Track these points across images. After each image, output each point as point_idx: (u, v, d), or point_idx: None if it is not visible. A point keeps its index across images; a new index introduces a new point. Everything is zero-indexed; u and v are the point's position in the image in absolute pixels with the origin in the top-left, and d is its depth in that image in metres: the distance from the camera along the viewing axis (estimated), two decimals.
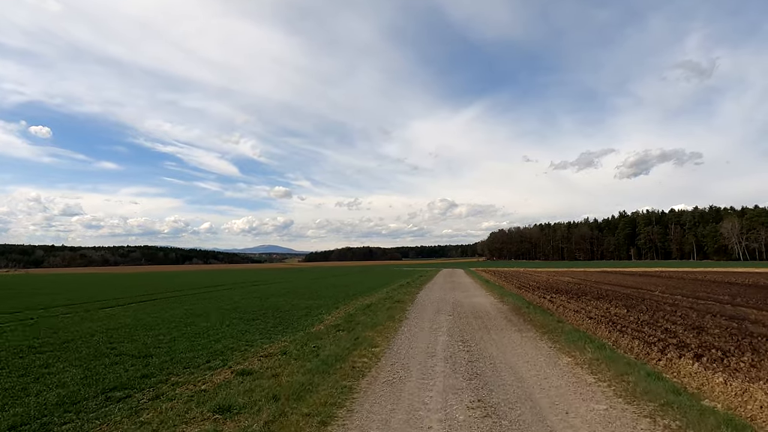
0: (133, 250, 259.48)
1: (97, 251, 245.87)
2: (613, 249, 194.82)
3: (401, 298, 17.27)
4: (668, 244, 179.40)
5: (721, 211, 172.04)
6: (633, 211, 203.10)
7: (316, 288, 25.64)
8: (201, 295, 21.53)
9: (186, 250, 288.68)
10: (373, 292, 22.19)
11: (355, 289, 24.41)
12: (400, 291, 21.64)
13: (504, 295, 18.52)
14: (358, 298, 18.32)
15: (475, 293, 20.25)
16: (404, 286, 26.15)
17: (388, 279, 37.30)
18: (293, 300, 17.69)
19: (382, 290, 22.77)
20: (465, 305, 14.95)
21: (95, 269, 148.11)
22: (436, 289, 23.58)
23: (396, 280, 33.90)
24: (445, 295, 19.32)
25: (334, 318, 12.22)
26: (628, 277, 36.55)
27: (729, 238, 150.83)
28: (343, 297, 19.12)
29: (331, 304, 15.90)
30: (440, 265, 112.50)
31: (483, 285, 26.68)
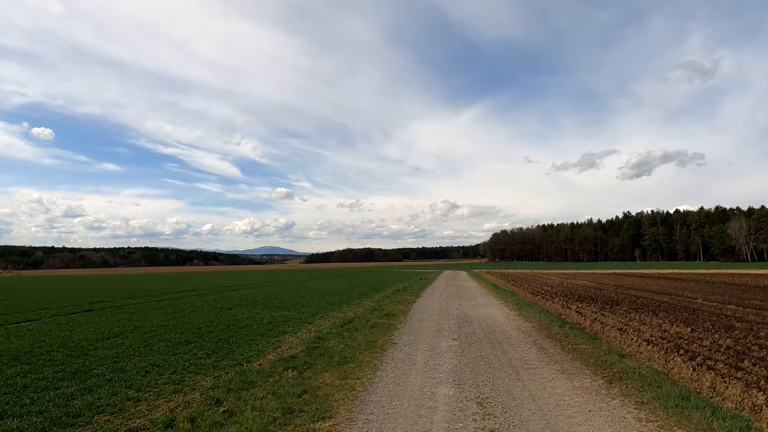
0: (134, 252, 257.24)
1: (96, 252, 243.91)
2: (617, 250, 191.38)
3: (393, 310, 13.88)
4: (674, 245, 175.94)
5: (728, 211, 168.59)
6: (637, 212, 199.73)
7: (300, 293, 22.29)
8: (158, 303, 18.14)
9: (187, 251, 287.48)
10: (364, 298, 18.85)
11: (344, 295, 21.05)
12: (394, 298, 18.26)
13: (521, 305, 15.10)
14: (342, 308, 14.98)
15: (485, 302, 16.84)
16: (400, 291, 22.75)
17: (384, 282, 33.95)
18: (260, 311, 14.33)
19: (374, 297, 19.41)
20: (474, 321, 11.54)
21: (89, 271, 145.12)
22: (436, 295, 20.18)
23: (393, 284, 30.53)
24: (448, 304, 15.90)
25: (297, 342, 8.85)
26: (648, 281, 33.09)
27: (736, 238, 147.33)
28: (324, 306, 15.76)
29: (305, 317, 12.55)
30: (442, 267, 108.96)
31: (491, 290, 23.27)
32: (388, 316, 12.22)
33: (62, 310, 15.63)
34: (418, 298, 18.42)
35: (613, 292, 21.54)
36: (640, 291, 22.58)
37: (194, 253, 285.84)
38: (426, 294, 21.08)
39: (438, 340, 8.96)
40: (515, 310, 13.64)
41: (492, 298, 18.18)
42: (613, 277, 39.35)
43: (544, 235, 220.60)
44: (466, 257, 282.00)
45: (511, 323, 10.99)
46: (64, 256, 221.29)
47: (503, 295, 19.25)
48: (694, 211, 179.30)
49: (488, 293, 21.35)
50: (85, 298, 21.09)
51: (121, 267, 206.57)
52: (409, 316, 12.57)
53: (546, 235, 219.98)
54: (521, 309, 13.85)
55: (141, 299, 20.25)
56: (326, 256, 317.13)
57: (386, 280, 36.57)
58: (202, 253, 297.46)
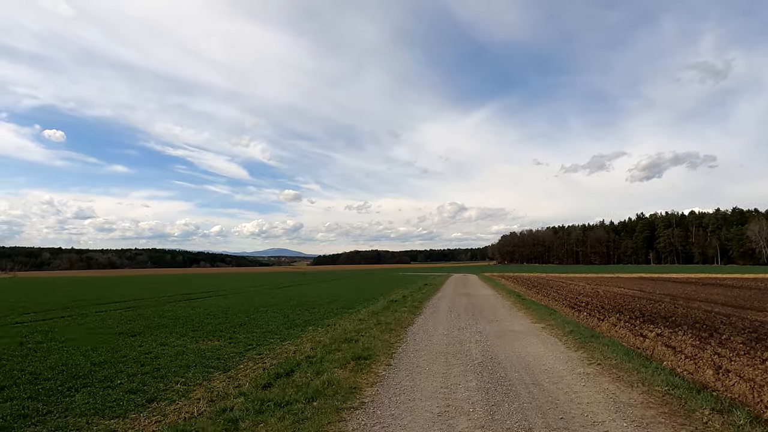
0: (140, 253, 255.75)
1: (104, 254, 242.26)
2: (630, 253, 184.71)
3: (372, 345, 8.55)
4: (690, 247, 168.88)
5: (745, 213, 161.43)
6: (651, 213, 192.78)
7: (266, 305, 17.10)
8: (73, 319, 13.04)
9: (194, 253, 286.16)
10: (344, 314, 13.68)
11: (321, 309, 15.84)
12: (383, 317, 12.97)
13: (575, 332, 9.71)
14: (302, 335, 9.84)
15: (516, 325, 11.41)
16: (397, 303, 17.45)
17: (382, 289, 28.70)
18: (185, 339, 9.18)
19: (359, 312, 14.20)
20: (517, 380, 5.96)
21: (90, 272, 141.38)
22: (443, 311, 14.84)
23: (391, 291, 25.27)
24: (461, 331, 10.50)
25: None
26: (701, 288, 27.44)
27: (756, 241, 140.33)
28: (278, 329, 10.60)
29: (227, 356, 7.41)
30: (450, 269, 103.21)
31: (515, 302, 17.88)
32: (359, 362, 6.93)
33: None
34: (417, 317, 13.12)
35: (678, 306, 16.11)
36: (711, 304, 17.09)
37: (201, 255, 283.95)
38: (429, 308, 15.77)
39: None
40: (575, 345, 8.27)
41: (523, 318, 12.80)
42: (650, 283, 33.70)
43: (555, 237, 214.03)
44: (473, 260, 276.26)
45: (592, 388, 5.61)
46: (69, 257, 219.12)
47: (536, 312, 13.87)
48: (710, 213, 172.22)
49: (513, 307, 15.99)
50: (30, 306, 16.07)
51: (126, 268, 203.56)
52: (395, 361, 7.27)
53: (556, 237, 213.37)
54: (582, 342, 8.49)
55: (73, 311, 15.10)
56: (333, 259, 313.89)
57: (385, 286, 31.33)
58: (209, 254, 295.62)
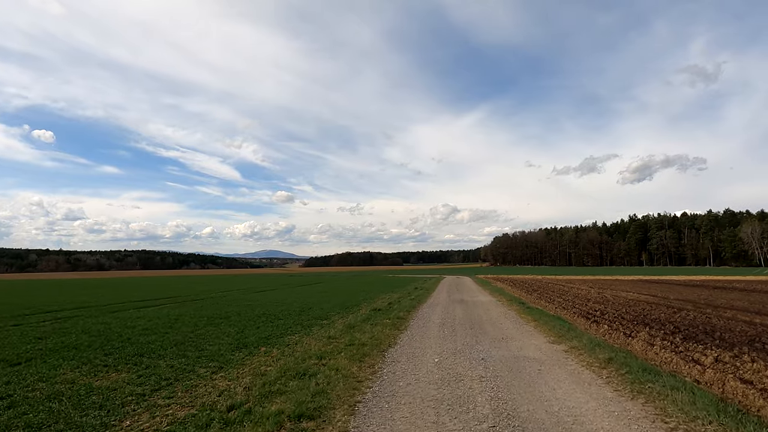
0: (130, 255, 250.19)
1: (92, 255, 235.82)
2: (623, 254, 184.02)
3: (329, 389, 5.83)
4: (682, 249, 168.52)
5: (737, 214, 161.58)
6: (644, 215, 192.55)
7: (220, 317, 14.28)
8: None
9: (184, 254, 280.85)
10: (317, 326, 10.92)
11: (288, 320, 13.03)
12: (361, 332, 10.19)
13: (613, 360, 7.01)
14: (249, 360, 7.13)
15: (531, 349, 8.73)
16: (379, 314, 14.71)
17: (368, 294, 25.95)
18: (73, 371, 6.44)
19: (335, 324, 11.46)
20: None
21: (75, 274, 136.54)
22: (434, 325, 12.11)
23: (376, 297, 22.55)
24: (457, 358, 7.79)
25: None
26: (701, 291, 25.01)
27: (749, 242, 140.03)
28: (225, 353, 7.86)
29: (112, 407, 4.72)
30: (442, 271, 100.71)
31: (521, 312, 15.21)
32: (298, 426, 4.24)
33: None
34: (402, 333, 10.37)
35: (710, 316, 13.61)
36: (745, 313, 14.61)
37: (191, 257, 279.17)
38: (417, 320, 13.05)
39: None
40: (626, 388, 5.60)
41: (535, 334, 10.11)
42: (655, 287, 31.34)
43: (547, 238, 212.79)
44: (466, 261, 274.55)
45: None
46: (56, 259, 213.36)
47: (549, 326, 11.19)
48: (703, 215, 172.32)
49: (518, 318, 13.34)
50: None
51: (113, 270, 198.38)
52: (357, 422, 4.58)
53: (549, 238, 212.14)
54: (633, 381, 5.86)
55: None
56: (325, 260, 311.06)
57: (372, 291, 28.58)
58: (200, 256, 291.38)
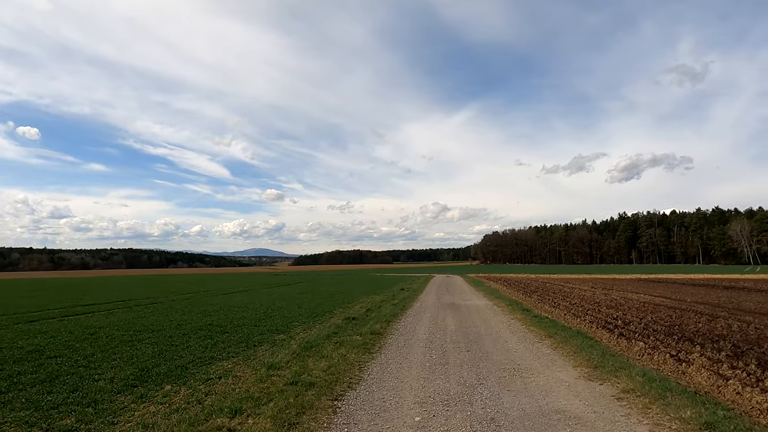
0: (116, 253, 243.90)
1: (77, 254, 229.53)
2: (613, 252, 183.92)
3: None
4: (672, 247, 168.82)
5: (726, 213, 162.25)
6: (633, 213, 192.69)
7: (177, 324, 11.39)
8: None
9: (171, 253, 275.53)
10: (265, 345, 8.11)
11: (242, 334, 10.17)
12: (316, 362, 7.37)
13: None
14: (118, 417, 4.41)
15: (576, 404, 5.71)
16: (356, 322, 11.91)
17: (349, 296, 23.15)
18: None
19: (289, 343, 8.65)
20: None
21: (56, 273, 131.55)
22: (417, 346, 9.15)
23: (357, 301, 19.79)
24: (454, 428, 5.20)
25: None
26: (715, 292, 22.63)
27: (738, 240, 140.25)
28: (97, 399, 5.09)
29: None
30: (432, 270, 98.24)
31: (527, 322, 12.48)
32: None
33: None
34: (372, 360, 7.56)
35: (757, 326, 11.12)
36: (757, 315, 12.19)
37: (179, 255, 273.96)
38: (397, 336, 10.25)
39: None
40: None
41: (561, 363, 7.38)
42: (660, 287, 29.07)
43: (537, 236, 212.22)
44: (456, 259, 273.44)
45: None
46: (40, 258, 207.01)
47: (570, 345, 8.49)
48: (692, 213, 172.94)
49: (527, 332, 10.64)
50: None
51: (98, 269, 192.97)
52: None
53: (539, 236, 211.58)
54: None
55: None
56: (314, 259, 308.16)
57: (353, 293, 25.78)
58: (188, 254, 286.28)
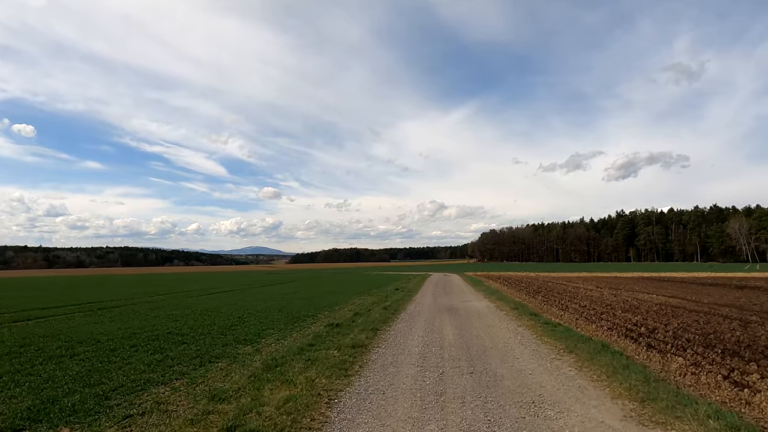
0: (111, 252, 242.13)
1: (72, 252, 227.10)
2: (611, 250, 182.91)
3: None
4: (670, 245, 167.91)
5: (724, 210, 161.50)
6: (631, 211, 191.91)
7: (129, 334, 9.67)
8: None
9: (168, 251, 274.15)
10: (221, 361, 6.44)
11: (201, 344, 8.50)
12: (276, 386, 5.79)
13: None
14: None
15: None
16: (339, 329, 10.20)
17: (338, 297, 21.45)
18: None
19: (252, 359, 7.00)
20: None
21: (49, 272, 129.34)
22: (408, 363, 7.57)
23: (346, 303, 18.10)
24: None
25: None
26: (732, 293, 21.07)
27: (736, 238, 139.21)
28: None
29: None
30: (429, 268, 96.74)
31: (538, 330, 10.67)
32: None
33: None
34: (349, 384, 5.87)
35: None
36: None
37: (175, 254, 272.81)
38: (384, 351, 8.55)
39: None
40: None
41: (591, 390, 5.71)
42: (668, 286, 27.50)
43: (535, 234, 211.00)
44: (453, 257, 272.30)
45: None
46: (35, 256, 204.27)
47: (602, 366, 6.76)
48: (690, 211, 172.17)
49: (541, 345, 8.96)
50: None
51: (93, 267, 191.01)
52: None
53: (536, 234, 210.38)
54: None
55: None
56: (311, 257, 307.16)
57: (343, 294, 24.06)
58: (183, 253, 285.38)
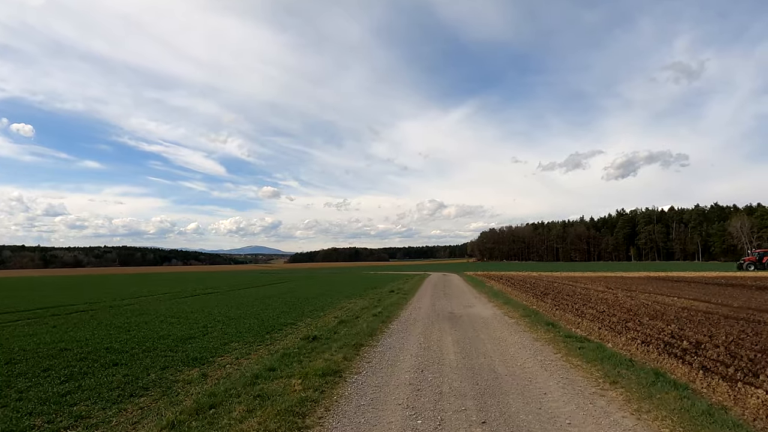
0: (109, 251, 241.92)
1: (69, 252, 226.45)
2: (611, 249, 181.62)
3: None
4: (671, 243, 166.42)
5: (725, 209, 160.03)
6: (632, 210, 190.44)
7: (64, 347, 7.65)
8: None
9: (166, 251, 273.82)
10: (135, 400, 4.52)
11: (141, 362, 6.45)
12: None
13: None
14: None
15: None
16: (312, 347, 8.05)
17: (322, 301, 19.29)
18: None
19: (174, 401, 5.00)
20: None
21: (41, 271, 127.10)
22: (395, 402, 5.63)
23: (333, 307, 15.94)
24: None
25: None
26: (756, 295, 19.24)
27: (738, 237, 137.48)
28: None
29: None
30: (428, 267, 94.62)
31: (571, 354, 8.36)
32: None
33: None
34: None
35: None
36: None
37: (173, 253, 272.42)
38: (363, 379, 6.44)
39: None
40: None
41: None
42: (689, 287, 25.39)
43: (535, 233, 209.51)
44: (452, 257, 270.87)
45: None
46: (32, 256, 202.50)
47: (677, 415, 4.72)
48: (691, 209, 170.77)
49: (576, 374, 6.80)
50: None
51: (90, 267, 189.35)
52: None
53: (536, 233, 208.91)
54: None
55: None
56: (310, 256, 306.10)
57: (333, 296, 21.88)
58: (182, 252, 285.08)
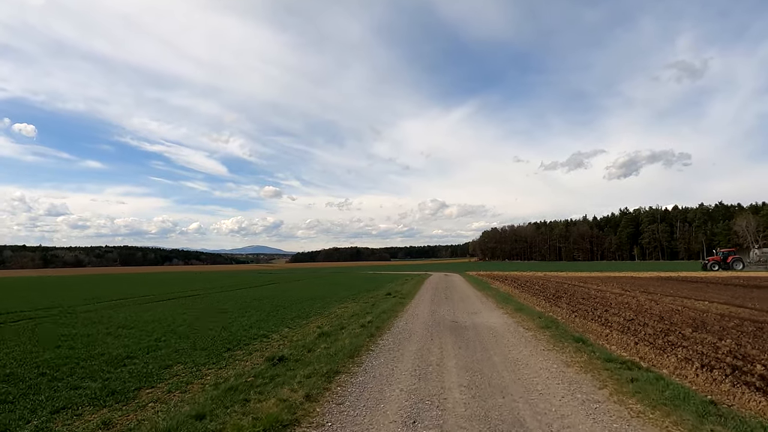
0: (110, 251, 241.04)
1: (70, 251, 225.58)
2: (614, 249, 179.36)
3: None
4: (675, 243, 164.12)
5: (730, 208, 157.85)
6: (635, 209, 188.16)
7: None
8: None
9: (167, 250, 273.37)
10: None
11: (101, 384, 5.02)
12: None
13: None
14: None
15: None
16: (278, 373, 6.62)
17: (309, 306, 17.74)
18: None
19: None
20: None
21: (39, 271, 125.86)
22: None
23: (319, 313, 14.42)
24: None
25: None
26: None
27: (744, 236, 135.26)
28: None
29: None
30: (429, 267, 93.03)
31: (623, 391, 6.82)
32: None
33: None
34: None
35: None
36: None
37: (174, 253, 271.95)
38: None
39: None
40: None
41: None
42: (707, 288, 23.78)
43: (537, 233, 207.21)
44: (453, 256, 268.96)
45: None
46: (32, 255, 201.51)
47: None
48: (695, 208, 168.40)
49: (630, 418, 5.39)
50: None
51: (91, 267, 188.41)
52: None
53: (539, 233, 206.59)
54: None
55: None
56: (311, 256, 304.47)
57: (324, 300, 20.30)
58: (183, 252, 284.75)
